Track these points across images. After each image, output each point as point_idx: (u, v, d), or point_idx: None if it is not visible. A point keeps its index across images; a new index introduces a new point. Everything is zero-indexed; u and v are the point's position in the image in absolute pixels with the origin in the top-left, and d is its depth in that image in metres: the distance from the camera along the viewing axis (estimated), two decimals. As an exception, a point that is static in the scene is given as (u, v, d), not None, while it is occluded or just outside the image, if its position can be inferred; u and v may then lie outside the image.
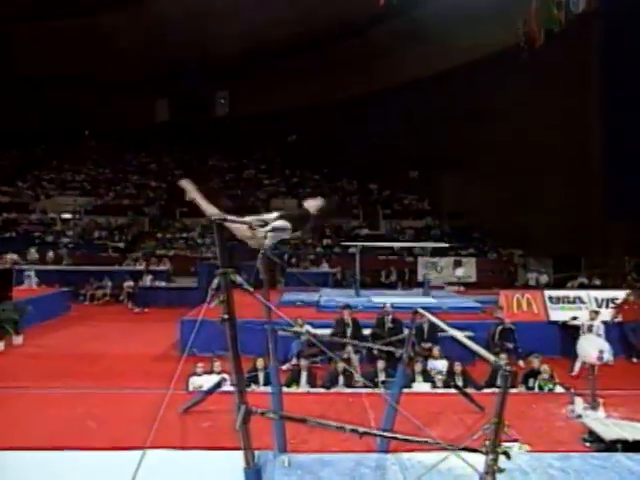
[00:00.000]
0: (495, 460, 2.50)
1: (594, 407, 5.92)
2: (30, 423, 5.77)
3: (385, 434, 3.99)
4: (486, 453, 2.52)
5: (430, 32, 21.46)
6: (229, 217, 2.98)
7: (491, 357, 2.71)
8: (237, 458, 4.20)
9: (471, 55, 21.38)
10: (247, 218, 3.25)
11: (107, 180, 27.38)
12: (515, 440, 4.98)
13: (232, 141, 30.43)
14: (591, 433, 5.28)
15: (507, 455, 2.48)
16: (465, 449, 2.85)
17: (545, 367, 7.58)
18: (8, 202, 23.97)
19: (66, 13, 24.57)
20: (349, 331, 9.57)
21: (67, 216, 23.32)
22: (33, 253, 18.40)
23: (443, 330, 9.61)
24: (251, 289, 3.14)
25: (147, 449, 3.49)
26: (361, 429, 3.09)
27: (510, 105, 20.21)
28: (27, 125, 28.83)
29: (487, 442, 2.51)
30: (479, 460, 2.56)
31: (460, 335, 3.57)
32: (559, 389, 7.47)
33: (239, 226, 3.21)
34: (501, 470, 2.52)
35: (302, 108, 28.22)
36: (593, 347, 6.75)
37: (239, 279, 3.01)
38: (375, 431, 4.12)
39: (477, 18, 20.01)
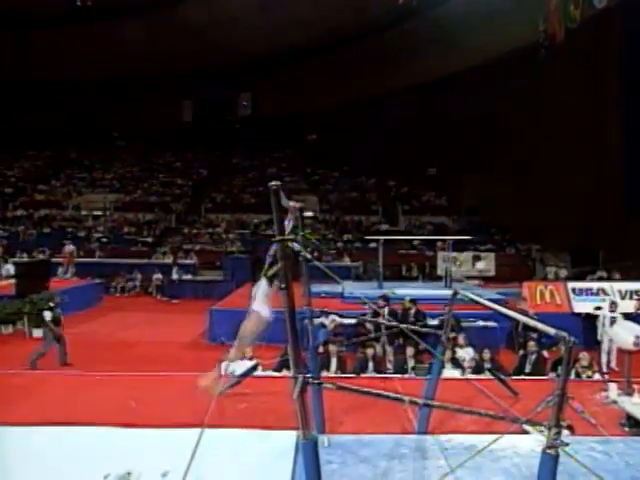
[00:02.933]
0: (559, 434, 2.43)
1: (629, 393, 5.81)
2: (75, 402, 6.00)
3: (448, 405, 3.58)
4: (549, 427, 2.45)
5: (448, 32, 21.77)
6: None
7: (551, 330, 2.62)
8: (275, 437, 4.52)
9: (488, 55, 21.63)
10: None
11: (135, 178, 28.25)
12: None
13: (254, 141, 31.10)
14: (629, 418, 5.23)
15: (571, 429, 2.56)
16: (528, 422, 2.78)
17: (584, 354, 7.50)
18: (43, 200, 25.07)
19: (95, 20, 25.49)
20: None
21: (98, 212, 24.25)
22: (72, 248, 18.92)
23: (467, 320, 9.85)
24: (309, 256, 3.21)
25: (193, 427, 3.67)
26: (420, 400, 3.04)
27: (527, 104, 20.39)
28: (60, 127, 29.97)
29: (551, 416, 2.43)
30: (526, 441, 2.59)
31: (519, 316, 3.64)
32: (597, 377, 7.38)
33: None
34: (565, 444, 2.44)
35: (322, 108, 28.78)
36: (629, 333, 6.62)
37: (296, 246, 2.93)
38: (436, 403, 3.89)
39: (495, 17, 20.28)
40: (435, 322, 8.72)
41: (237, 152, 31.64)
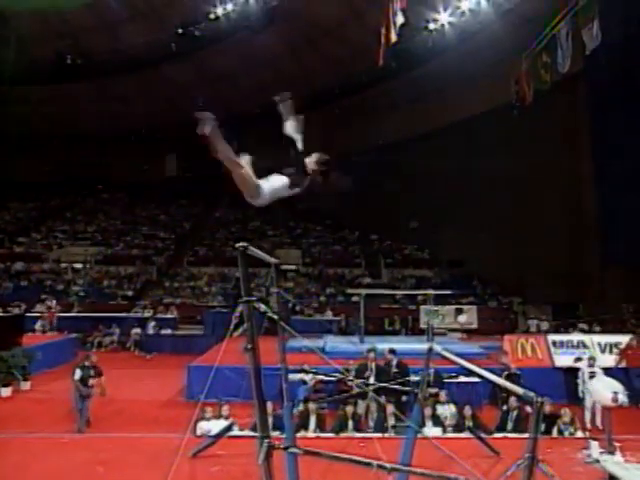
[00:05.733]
0: None
1: (611, 451, 5.76)
2: (39, 468, 5.73)
3: (417, 470, 3.51)
4: None
5: (426, 92, 22.77)
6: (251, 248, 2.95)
7: (520, 390, 2.62)
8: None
9: (466, 113, 22.53)
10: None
11: (117, 231, 28.14)
12: None
13: (238, 194, 31.35)
14: (612, 478, 5.13)
15: None
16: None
17: (566, 410, 7.42)
18: (23, 252, 24.69)
19: (82, 76, 26.11)
20: (372, 377, 9.28)
21: (78, 265, 23.90)
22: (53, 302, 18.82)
23: (450, 376, 9.70)
24: (275, 317, 3.16)
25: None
26: (388, 465, 2.91)
27: (505, 160, 21.07)
28: (43, 179, 30.03)
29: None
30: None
31: (488, 375, 3.46)
32: (580, 434, 7.26)
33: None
34: None
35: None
36: (607, 389, 6.62)
37: (263, 307, 2.97)
38: (403, 467, 3.80)
39: (470, 79, 21.33)
40: (418, 378, 8.56)
41: (220, 206, 31.87)
